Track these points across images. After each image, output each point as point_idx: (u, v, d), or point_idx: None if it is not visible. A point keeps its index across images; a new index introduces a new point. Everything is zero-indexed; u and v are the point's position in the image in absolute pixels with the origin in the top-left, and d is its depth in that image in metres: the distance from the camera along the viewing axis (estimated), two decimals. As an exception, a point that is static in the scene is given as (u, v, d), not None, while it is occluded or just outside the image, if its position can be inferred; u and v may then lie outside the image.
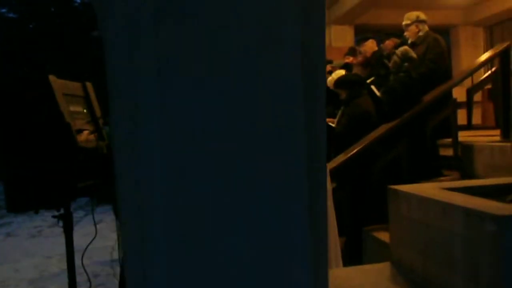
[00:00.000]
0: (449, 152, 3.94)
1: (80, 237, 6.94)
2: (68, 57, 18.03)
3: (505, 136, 3.95)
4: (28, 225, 7.62)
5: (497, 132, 4.01)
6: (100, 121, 2.20)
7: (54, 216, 2.25)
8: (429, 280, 1.35)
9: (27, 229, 7.28)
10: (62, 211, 2.35)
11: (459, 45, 8.37)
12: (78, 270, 5.22)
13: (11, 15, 18.56)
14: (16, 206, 1.90)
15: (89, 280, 2.36)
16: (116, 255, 5.40)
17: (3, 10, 18.32)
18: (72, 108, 2.00)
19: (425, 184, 1.92)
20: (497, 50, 3.93)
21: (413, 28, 3.81)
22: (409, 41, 3.90)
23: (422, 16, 3.88)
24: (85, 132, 2.01)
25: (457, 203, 1.27)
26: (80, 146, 1.92)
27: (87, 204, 9.95)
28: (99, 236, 6.90)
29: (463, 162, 3.63)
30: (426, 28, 3.87)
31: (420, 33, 3.79)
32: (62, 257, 5.58)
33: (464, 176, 3.58)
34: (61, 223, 2.26)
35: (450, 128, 3.69)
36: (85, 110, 2.13)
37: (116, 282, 4.38)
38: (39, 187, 1.88)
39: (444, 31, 7.76)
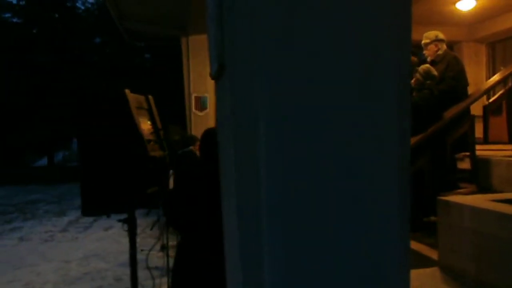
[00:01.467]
0: (465, 165, 4.13)
1: (92, 242, 7.02)
2: (69, 61, 18.12)
3: (518, 151, 4.16)
4: (39, 230, 7.67)
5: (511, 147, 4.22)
6: (161, 133, 2.35)
7: (119, 220, 2.38)
8: (483, 284, 1.51)
9: (39, 234, 7.33)
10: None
11: (462, 61, 8.64)
12: (96, 274, 5.28)
13: (15, 20, 18.64)
14: (91, 210, 2.03)
15: (152, 277, 2.49)
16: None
17: (8, 15, 18.40)
18: (140, 120, 2.15)
19: (473, 196, 2.08)
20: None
21: (432, 47, 4.02)
22: (428, 59, 4.11)
23: (441, 35, 4.09)
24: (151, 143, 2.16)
25: (513, 214, 1.45)
26: (150, 156, 2.07)
27: (94, 210, 10.00)
28: (112, 240, 7.01)
29: (480, 176, 3.82)
30: (445, 46, 4.08)
31: (439, 52, 4.00)
32: (80, 261, 5.67)
33: (480, 189, 3.76)
34: (125, 226, 2.39)
35: (467, 143, 3.89)
36: (149, 122, 2.28)
37: (140, 284, 4.48)
38: (113, 193, 2.02)
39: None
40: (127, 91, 2.04)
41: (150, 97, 2.37)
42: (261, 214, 1.20)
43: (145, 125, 2.17)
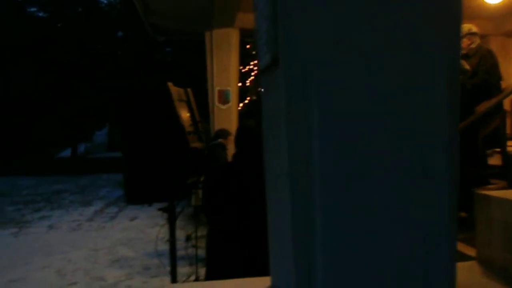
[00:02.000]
0: (495, 161, 4.08)
1: (119, 231, 7.18)
2: (92, 56, 18.45)
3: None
4: (67, 219, 7.91)
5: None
6: (199, 125, 2.41)
7: (159, 209, 2.46)
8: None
9: (67, 223, 7.56)
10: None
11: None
12: (124, 262, 5.40)
13: (40, 14, 19.07)
14: (135, 199, 2.10)
15: (196, 262, 2.57)
16: (160, 248, 5.64)
17: (33, 9, 18.84)
18: (181, 112, 2.21)
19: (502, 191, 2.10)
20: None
21: (465, 40, 3.95)
22: (461, 53, 4.05)
23: (474, 28, 4.02)
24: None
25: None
26: (191, 147, 2.13)
27: (118, 200, 10.23)
28: (138, 230, 7.16)
29: (511, 172, 3.77)
30: (478, 40, 4.01)
31: (472, 45, 3.93)
32: (108, 250, 5.81)
33: (511, 186, 3.71)
34: (164, 215, 2.46)
35: (498, 138, 3.83)
36: (188, 114, 2.34)
37: (168, 274, 4.59)
38: (156, 183, 2.09)
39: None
40: (169, 84, 2.10)
41: (188, 89, 2.43)
42: (314, 207, 1.24)
43: (185, 117, 2.23)
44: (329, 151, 1.22)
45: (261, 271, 2.45)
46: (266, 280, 1.74)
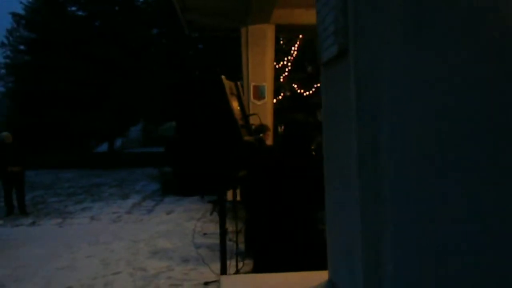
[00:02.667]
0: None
1: (157, 224, 7.31)
2: (129, 53, 18.92)
3: None
4: (107, 211, 8.18)
5: None
6: (249, 118, 2.41)
7: (210, 201, 2.49)
8: None
9: (107, 215, 7.82)
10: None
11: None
12: (163, 254, 5.47)
13: (80, 13, 19.74)
14: (186, 191, 2.14)
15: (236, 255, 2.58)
16: (197, 241, 5.74)
17: (74, 8, 19.53)
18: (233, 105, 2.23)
19: None
20: None
21: None
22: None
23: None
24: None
25: None
26: (244, 140, 2.14)
27: (154, 194, 10.47)
28: (175, 224, 7.25)
29: None
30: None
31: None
32: (148, 241, 5.94)
33: None
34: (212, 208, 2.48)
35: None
36: (238, 107, 2.35)
37: (206, 266, 4.66)
38: (207, 176, 2.12)
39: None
40: (223, 77, 2.12)
41: (238, 83, 2.44)
42: (385, 200, 1.21)
43: (236, 110, 2.25)
44: (398, 138, 1.20)
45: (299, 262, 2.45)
46: (321, 275, 1.73)
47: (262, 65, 8.21)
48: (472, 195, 1.18)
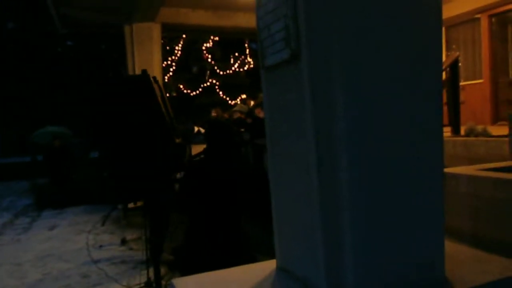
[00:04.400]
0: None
1: (40, 243, 6.55)
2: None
3: (455, 133, 4.83)
4: None
5: (449, 129, 4.86)
6: (173, 121, 2.38)
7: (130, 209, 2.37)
8: (480, 237, 1.87)
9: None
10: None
11: None
12: (59, 274, 4.96)
13: None
14: (123, 198, 2.02)
15: (147, 265, 2.53)
16: (95, 255, 5.30)
17: None
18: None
19: (461, 167, 2.48)
20: (449, 60, 4.80)
21: None
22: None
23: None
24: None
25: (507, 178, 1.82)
26: (176, 142, 2.11)
27: (27, 210, 9.26)
28: (63, 239, 6.64)
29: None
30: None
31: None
32: (35, 263, 5.25)
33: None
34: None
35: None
36: (164, 109, 2.30)
37: (112, 280, 4.38)
38: (139, 180, 2.04)
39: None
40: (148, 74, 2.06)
41: (157, 79, 2.38)
42: (342, 189, 1.38)
43: (165, 112, 2.20)
44: (354, 133, 1.37)
45: (237, 255, 2.54)
46: (266, 265, 1.84)
47: (150, 65, 7.93)
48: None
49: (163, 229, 4.52)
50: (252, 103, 6.45)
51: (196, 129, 6.40)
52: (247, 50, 11.94)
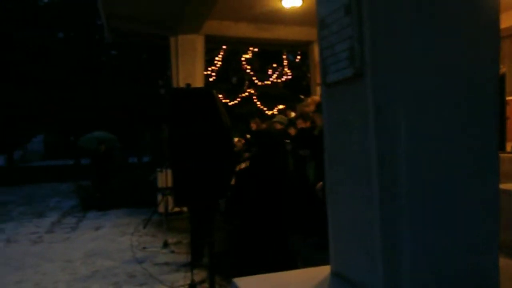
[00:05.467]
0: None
1: (88, 242, 6.89)
2: (32, 58, 17.27)
3: (501, 149, 4.75)
4: (24, 231, 7.40)
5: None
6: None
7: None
8: None
9: (24, 235, 7.10)
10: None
11: None
12: (106, 272, 5.21)
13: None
14: (183, 201, 2.18)
15: (192, 268, 2.68)
16: (139, 256, 5.54)
17: None
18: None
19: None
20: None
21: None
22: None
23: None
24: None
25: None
26: (235, 151, 2.26)
27: (73, 210, 9.75)
28: (108, 240, 6.96)
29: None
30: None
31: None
32: (84, 260, 5.55)
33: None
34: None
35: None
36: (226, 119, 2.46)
37: (156, 280, 4.58)
38: (201, 184, 2.20)
39: None
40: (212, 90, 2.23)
41: (215, 92, 2.52)
42: (401, 196, 1.47)
43: (226, 123, 2.36)
44: (415, 147, 1.47)
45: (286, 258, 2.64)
46: (321, 270, 1.94)
47: (193, 75, 8.26)
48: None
49: (206, 234, 4.69)
50: (292, 114, 6.56)
51: (236, 139, 6.59)
52: (285, 62, 12.11)
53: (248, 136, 5.87)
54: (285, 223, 2.78)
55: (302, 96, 7.56)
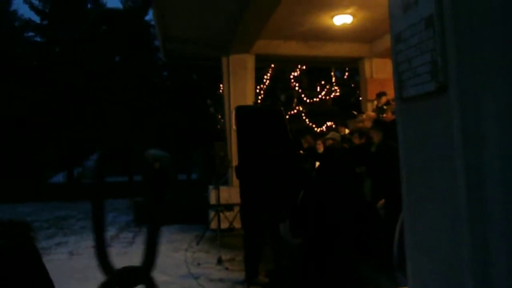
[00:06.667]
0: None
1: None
2: (91, 79, 18.46)
3: None
4: (85, 245, 7.77)
5: None
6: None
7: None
8: None
9: (86, 248, 7.43)
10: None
11: None
12: (167, 286, 5.29)
13: (37, 39, 19.07)
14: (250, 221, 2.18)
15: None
16: (193, 271, 5.61)
17: (31, 34, 18.84)
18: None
19: None
20: None
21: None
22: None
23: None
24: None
25: None
26: (302, 167, 2.24)
27: (129, 225, 10.11)
28: (163, 255, 7.02)
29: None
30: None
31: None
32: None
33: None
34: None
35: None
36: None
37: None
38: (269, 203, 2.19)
39: None
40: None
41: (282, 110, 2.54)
42: (493, 216, 1.38)
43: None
44: (508, 165, 1.39)
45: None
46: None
47: (243, 93, 8.42)
48: None
49: (260, 251, 4.68)
50: (346, 131, 6.47)
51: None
52: (333, 78, 12.03)
53: (301, 152, 5.85)
54: (348, 240, 2.72)
55: (355, 112, 7.45)
